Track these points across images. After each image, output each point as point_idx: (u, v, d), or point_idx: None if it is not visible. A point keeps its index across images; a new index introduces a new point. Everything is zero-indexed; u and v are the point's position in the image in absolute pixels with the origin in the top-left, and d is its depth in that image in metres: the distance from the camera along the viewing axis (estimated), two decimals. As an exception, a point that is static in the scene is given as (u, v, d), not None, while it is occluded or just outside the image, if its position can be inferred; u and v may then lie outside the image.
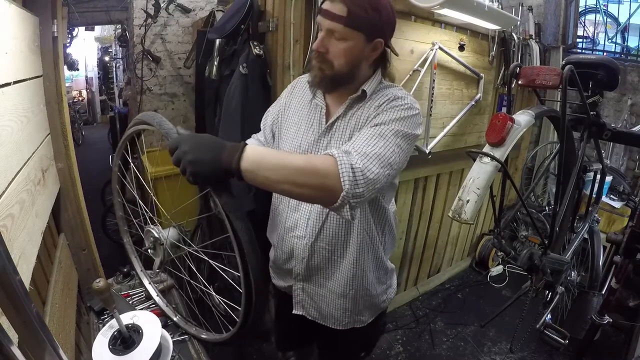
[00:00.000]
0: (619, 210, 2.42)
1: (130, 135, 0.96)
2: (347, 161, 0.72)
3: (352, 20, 0.83)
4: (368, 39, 0.87)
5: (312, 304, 1.11)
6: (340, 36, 0.85)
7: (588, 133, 1.47)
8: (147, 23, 2.82)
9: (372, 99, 0.93)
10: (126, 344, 0.81)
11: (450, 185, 2.53)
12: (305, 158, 0.77)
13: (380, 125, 0.84)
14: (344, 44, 0.86)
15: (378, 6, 0.85)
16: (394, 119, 0.85)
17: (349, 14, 0.82)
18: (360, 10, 0.83)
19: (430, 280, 2.77)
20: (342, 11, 0.83)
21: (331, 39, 0.86)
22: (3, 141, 0.83)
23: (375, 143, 0.79)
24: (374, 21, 0.85)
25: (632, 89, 2.69)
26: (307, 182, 0.70)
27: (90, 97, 9.09)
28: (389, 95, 0.92)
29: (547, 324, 1.44)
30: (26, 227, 0.90)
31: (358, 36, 0.86)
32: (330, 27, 0.85)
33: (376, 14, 0.85)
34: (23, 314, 0.56)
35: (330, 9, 0.84)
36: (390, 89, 0.96)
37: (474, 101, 2.40)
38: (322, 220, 0.99)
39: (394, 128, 0.84)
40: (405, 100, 0.90)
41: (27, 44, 1.11)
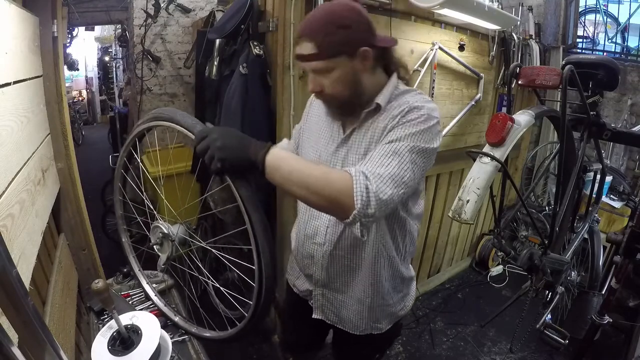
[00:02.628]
0: (619, 210, 2.42)
1: (141, 132, 0.98)
2: (363, 181, 0.72)
3: (326, 51, 0.81)
4: (351, 56, 0.82)
5: (331, 308, 1.11)
6: (325, 70, 0.83)
7: (588, 133, 1.48)
8: (147, 23, 2.82)
9: (388, 110, 0.89)
10: (125, 345, 0.81)
11: (450, 185, 2.53)
12: (324, 169, 0.77)
13: (394, 142, 0.80)
14: (333, 75, 0.84)
15: (343, 22, 0.80)
16: (409, 134, 0.81)
17: (319, 47, 0.80)
18: (327, 37, 0.80)
19: (430, 280, 2.77)
20: (312, 48, 0.80)
21: (319, 76, 0.85)
22: (3, 141, 0.83)
23: (389, 162, 0.78)
24: (346, 37, 0.81)
25: (632, 89, 2.69)
26: (322, 192, 0.73)
27: (90, 97, 9.08)
28: (404, 105, 0.86)
29: (547, 324, 1.44)
30: (26, 227, 0.90)
31: (340, 60, 0.82)
32: (310, 68, 0.84)
33: (345, 30, 0.80)
34: (23, 314, 0.56)
35: (301, 52, 0.83)
36: (407, 95, 0.91)
37: (474, 101, 2.40)
38: (340, 230, 0.98)
39: (409, 145, 0.80)
40: (421, 112, 0.84)
41: (27, 44, 1.11)
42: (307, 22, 0.83)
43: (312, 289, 1.11)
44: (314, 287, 1.10)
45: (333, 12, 0.81)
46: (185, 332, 1.09)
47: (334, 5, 0.83)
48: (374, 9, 1.74)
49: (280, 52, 1.54)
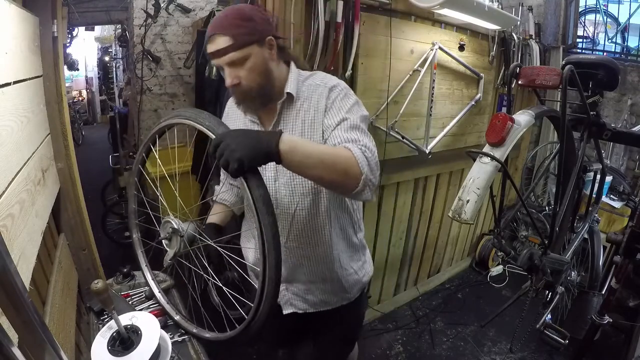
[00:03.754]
0: (619, 210, 2.42)
1: (162, 129, 1.04)
2: (359, 152, 0.84)
3: (239, 41, 0.88)
4: (260, 44, 0.91)
5: (298, 299, 1.15)
6: (240, 60, 0.90)
7: (588, 133, 1.47)
8: (147, 23, 2.82)
9: (303, 97, 0.98)
10: (125, 345, 0.81)
11: (450, 185, 2.53)
12: (329, 147, 0.90)
13: (345, 120, 0.93)
14: (247, 64, 0.90)
15: (248, 15, 0.90)
16: (349, 109, 0.95)
17: (232, 38, 0.87)
18: (238, 28, 0.88)
19: (430, 280, 2.77)
20: (226, 41, 0.87)
21: (235, 68, 0.90)
22: (3, 141, 0.83)
23: (356, 136, 0.90)
24: (253, 28, 0.90)
25: (632, 89, 2.69)
26: (335, 167, 0.81)
27: (90, 97, 9.08)
28: (320, 88, 0.97)
29: (547, 324, 1.44)
30: (26, 227, 0.90)
31: (251, 49, 0.90)
32: (228, 60, 0.89)
33: (251, 22, 0.90)
34: (23, 314, 0.56)
35: (217, 48, 0.88)
36: (312, 78, 1.01)
37: (474, 101, 2.40)
38: (289, 223, 1.03)
39: (356, 117, 0.94)
40: (341, 87, 0.98)
41: (27, 44, 1.11)
42: (217, 21, 0.90)
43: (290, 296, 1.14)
44: (291, 295, 1.14)
45: (238, 9, 0.92)
46: (185, 332, 1.09)
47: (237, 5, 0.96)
48: (374, 9, 1.74)
49: (280, 52, 1.54)
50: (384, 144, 1.93)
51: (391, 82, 1.87)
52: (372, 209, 2.11)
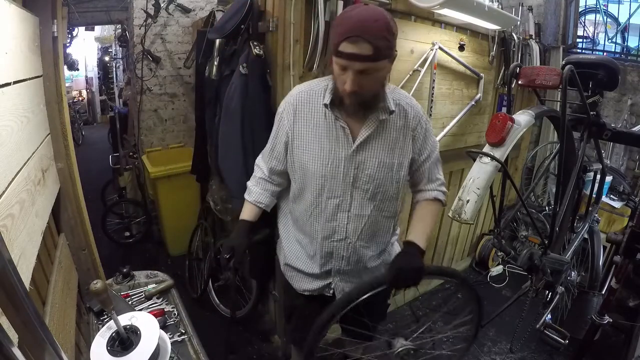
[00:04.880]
0: (619, 210, 2.42)
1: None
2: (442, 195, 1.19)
3: (379, 54, 0.87)
4: (390, 59, 0.93)
5: (350, 284, 1.19)
6: (372, 71, 0.90)
7: (588, 133, 1.47)
8: (147, 23, 2.82)
9: (394, 114, 1.05)
10: (124, 345, 0.81)
11: (450, 185, 2.52)
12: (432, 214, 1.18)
13: (433, 152, 1.16)
14: (376, 75, 0.92)
15: (392, 29, 0.89)
16: (433, 143, 1.16)
17: (375, 50, 0.86)
18: (383, 41, 0.87)
19: (430, 280, 2.77)
20: (369, 50, 0.85)
21: (361, 75, 0.90)
22: (3, 141, 0.83)
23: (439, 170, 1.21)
24: (393, 43, 0.91)
25: (632, 89, 2.69)
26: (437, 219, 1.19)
27: (90, 97, 9.07)
28: (409, 109, 1.07)
29: (547, 324, 1.44)
30: (26, 227, 0.90)
31: (385, 62, 0.91)
32: (361, 68, 0.88)
33: (393, 37, 0.90)
34: (23, 314, 0.56)
35: (357, 52, 0.86)
36: (397, 94, 1.08)
37: (474, 101, 2.40)
38: (363, 223, 1.12)
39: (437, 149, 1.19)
40: (424, 116, 1.11)
41: (27, 44, 1.11)
42: (364, 23, 0.86)
43: (328, 282, 1.19)
44: (332, 279, 1.19)
45: (385, 19, 0.89)
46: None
47: (381, 12, 0.90)
48: (374, 9, 1.74)
49: (280, 52, 1.54)
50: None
51: (391, 82, 1.86)
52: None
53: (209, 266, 2.32)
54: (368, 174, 1.06)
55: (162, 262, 2.90)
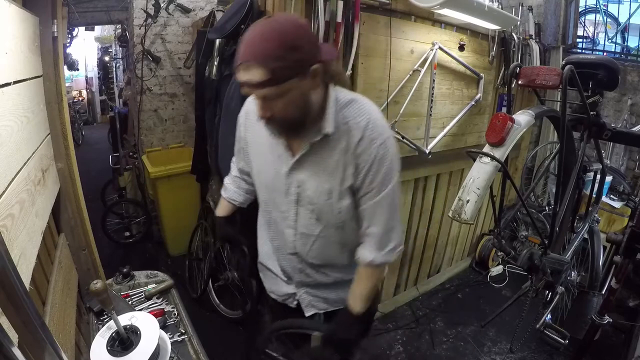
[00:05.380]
0: (619, 210, 2.42)
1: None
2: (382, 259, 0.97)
3: (278, 77, 0.74)
4: (303, 77, 0.78)
5: (319, 299, 1.14)
6: (276, 95, 0.77)
7: (588, 133, 1.47)
8: (147, 23, 2.82)
9: (339, 130, 0.89)
10: (124, 345, 0.81)
11: (450, 185, 2.53)
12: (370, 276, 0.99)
13: (380, 193, 0.92)
14: (285, 98, 0.78)
15: (294, 43, 0.74)
16: (383, 178, 0.90)
17: (271, 73, 0.73)
18: (279, 61, 0.73)
19: (430, 280, 2.77)
20: (262, 75, 0.73)
21: (269, 102, 0.80)
22: (3, 141, 0.83)
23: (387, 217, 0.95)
24: (299, 59, 0.76)
25: (632, 89, 2.69)
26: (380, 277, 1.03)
27: (90, 97, 9.07)
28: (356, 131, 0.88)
29: (547, 324, 1.44)
30: (26, 227, 0.90)
31: (292, 83, 0.77)
32: (262, 95, 0.78)
33: (296, 52, 0.74)
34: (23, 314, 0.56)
35: (249, 79, 0.75)
36: (352, 108, 0.90)
37: (474, 101, 2.40)
38: (311, 241, 1.02)
39: (391, 188, 0.92)
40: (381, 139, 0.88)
41: (27, 44, 1.11)
42: (253, 44, 0.75)
43: (294, 292, 1.14)
44: (296, 290, 1.14)
45: (282, 32, 0.74)
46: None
47: (279, 24, 0.76)
48: (374, 8, 1.74)
49: (280, 52, 1.53)
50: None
51: (391, 82, 1.87)
52: (372, 209, 2.11)
53: (209, 266, 2.32)
54: (308, 195, 0.95)
55: (162, 262, 2.90)
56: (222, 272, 2.29)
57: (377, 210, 0.93)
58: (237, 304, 2.21)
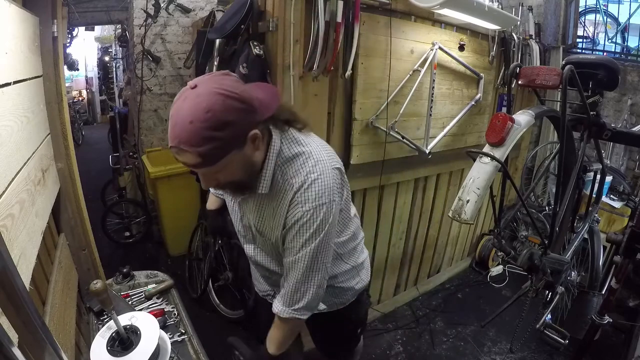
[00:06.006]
0: (619, 210, 2.42)
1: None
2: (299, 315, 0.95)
3: (211, 157, 0.72)
4: (240, 148, 0.76)
5: None
6: (215, 171, 0.78)
7: (588, 133, 1.47)
8: (147, 23, 2.82)
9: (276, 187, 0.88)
10: (124, 345, 0.81)
11: (450, 185, 2.53)
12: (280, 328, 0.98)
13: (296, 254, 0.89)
14: (226, 170, 0.78)
15: (222, 120, 0.69)
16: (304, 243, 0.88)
17: (201, 156, 0.71)
18: (207, 143, 0.69)
19: (430, 280, 2.77)
20: (194, 159, 0.71)
21: (209, 174, 0.81)
22: (3, 141, 0.83)
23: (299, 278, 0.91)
24: (231, 135, 0.72)
25: (632, 89, 2.69)
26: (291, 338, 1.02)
27: (90, 97, 9.07)
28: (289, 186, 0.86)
29: (547, 324, 1.44)
30: (26, 227, 0.90)
31: (229, 157, 0.75)
32: (202, 173, 0.80)
33: (225, 129, 0.70)
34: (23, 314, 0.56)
35: (183, 162, 0.74)
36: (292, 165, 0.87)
37: (474, 101, 2.40)
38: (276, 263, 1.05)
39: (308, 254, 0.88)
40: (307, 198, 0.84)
41: (27, 44, 1.11)
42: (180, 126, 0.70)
43: (272, 290, 1.18)
44: (271, 288, 1.18)
45: (208, 110, 0.68)
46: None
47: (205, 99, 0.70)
48: (374, 9, 1.74)
49: (280, 52, 1.54)
50: (384, 144, 1.93)
51: (391, 82, 1.87)
52: (372, 209, 2.11)
53: (209, 266, 2.32)
54: (255, 229, 0.99)
55: (162, 262, 2.90)
56: (222, 272, 2.29)
57: (293, 267, 0.91)
58: (238, 304, 2.21)
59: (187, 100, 0.71)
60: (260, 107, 0.77)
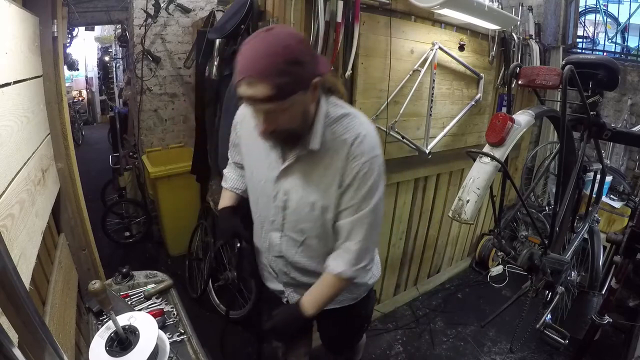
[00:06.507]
0: (619, 210, 2.42)
1: None
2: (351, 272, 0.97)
3: (283, 92, 0.75)
4: (305, 90, 0.80)
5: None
6: (280, 110, 0.78)
7: (588, 133, 1.47)
8: (147, 23, 2.82)
9: (326, 146, 0.89)
10: (123, 346, 0.81)
11: (450, 185, 2.53)
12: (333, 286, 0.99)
13: (359, 212, 0.92)
14: (289, 112, 0.80)
15: (296, 58, 0.74)
16: (365, 196, 0.90)
17: (275, 88, 0.73)
18: (283, 76, 0.73)
19: (430, 280, 2.77)
20: (268, 90, 0.73)
21: (272, 115, 0.80)
22: (3, 141, 0.83)
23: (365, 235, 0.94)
24: (301, 73, 0.77)
25: (632, 89, 2.69)
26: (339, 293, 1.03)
27: (90, 97, 9.07)
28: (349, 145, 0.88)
29: (547, 324, 1.44)
30: (26, 227, 0.90)
31: (296, 97, 0.78)
32: (265, 110, 0.79)
33: (298, 66, 0.75)
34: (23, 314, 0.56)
35: (253, 95, 0.75)
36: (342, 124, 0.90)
37: (474, 101, 2.40)
38: (297, 246, 1.04)
39: (371, 209, 0.92)
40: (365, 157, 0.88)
41: (27, 44, 1.11)
42: (256, 58, 0.73)
43: (282, 290, 1.17)
44: (284, 289, 1.16)
45: (285, 47, 0.74)
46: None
47: (281, 38, 0.76)
48: (374, 9, 1.74)
49: (280, 52, 1.54)
50: (384, 144, 1.93)
51: (391, 82, 1.87)
52: (372, 209, 2.10)
53: (209, 266, 2.32)
54: (293, 205, 0.97)
55: (162, 262, 2.90)
56: (222, 272, 2.29)
57: (355, 227, 0.93)
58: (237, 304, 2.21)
59: (263, 40, 0.76)
60: (320, 62, 0.85)
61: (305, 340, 1.49)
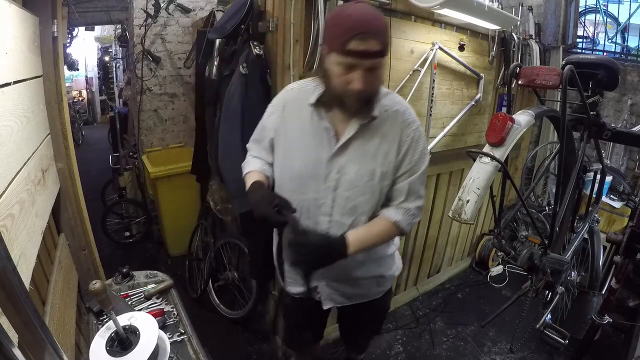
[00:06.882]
0: (619, 210, 2.42)
1: None
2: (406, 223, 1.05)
3: (385, 50, 0.88)
4: (387, 54, 0.92)
5: (338, 293, 1.19)
6: (378, 67, 0.90)
7: (588, 133, 1.47)
8: (147, 23, 2.82)
9: (382, 117, 1.00)
10: (123, 345, 0.81)
11: (450, 185, 2.53)
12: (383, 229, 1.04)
13: (416, 173, 1.04)
14: (379, 71, 0.92)
15: (387, 24, 0.90)
16: (419, 158, 1.03)
17: (383, 45, 0.87)
18: (385, 37, 0.88)
19: (430, 280, 2.77)
20: (378, 45, 0.86)
21: (369, 73, 0.89)
22: (3, 141, 0.83)
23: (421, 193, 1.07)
24: (389, 38, 0.91)
25: (632, 89, 2.69)
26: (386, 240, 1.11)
27: (90, 97, 9.07)
28: (402, 114, 1.02)
29: (547, 324, 1.45)
30: (26, 227, 0.90)
31: (385, 58, 0.91)
32: (370, 65, 0.88)
33: (387, 33, 0.90)
34: (23, 314, 0.56)
35: (367, 49, 0.85)
36: (389, 98, 1.04)
37: (474, 101, 2.40)
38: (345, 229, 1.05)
39: (423, 167, 1.05)
40: (416, 124, 1.04)
41: (27, 44, 1.11)
42: (370, 20, 0.86)
43: (314, 286, 1.17)
44: (317, 284, 1.17)
45: (382, 16, 0.90)
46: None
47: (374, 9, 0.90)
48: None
49: (280, 52, 1.54)
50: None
51: (391, 82, 1.87)
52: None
53: (209, 266, 2.32)
54: (349, 179, 1.01)
55: (162, 262, 2.90)
56: (222, 272, 2.29)
57: (412, 187, 1.04)
58: (238, 304, 2.22)
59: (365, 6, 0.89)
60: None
61: (315, 346, 1.51)
